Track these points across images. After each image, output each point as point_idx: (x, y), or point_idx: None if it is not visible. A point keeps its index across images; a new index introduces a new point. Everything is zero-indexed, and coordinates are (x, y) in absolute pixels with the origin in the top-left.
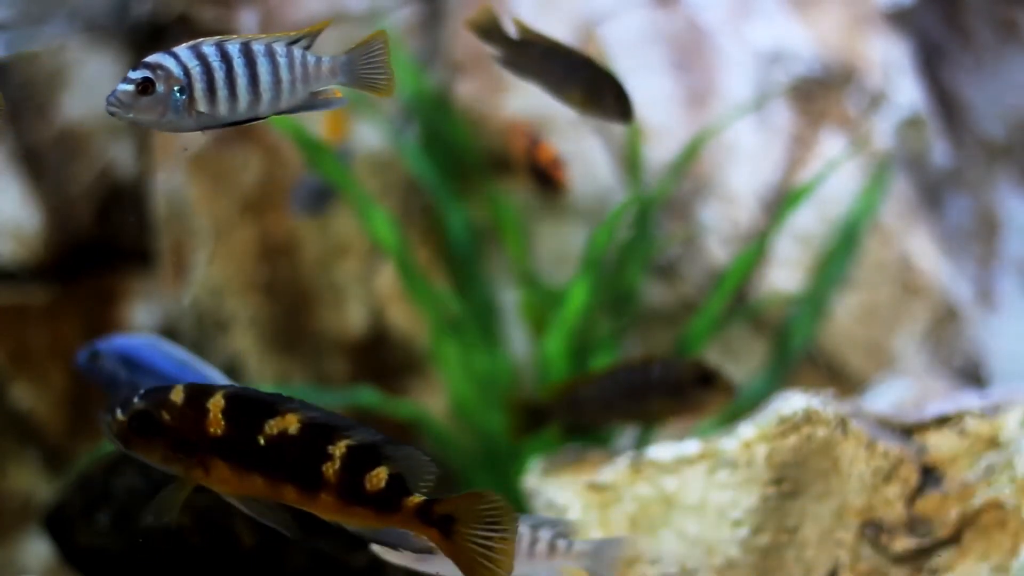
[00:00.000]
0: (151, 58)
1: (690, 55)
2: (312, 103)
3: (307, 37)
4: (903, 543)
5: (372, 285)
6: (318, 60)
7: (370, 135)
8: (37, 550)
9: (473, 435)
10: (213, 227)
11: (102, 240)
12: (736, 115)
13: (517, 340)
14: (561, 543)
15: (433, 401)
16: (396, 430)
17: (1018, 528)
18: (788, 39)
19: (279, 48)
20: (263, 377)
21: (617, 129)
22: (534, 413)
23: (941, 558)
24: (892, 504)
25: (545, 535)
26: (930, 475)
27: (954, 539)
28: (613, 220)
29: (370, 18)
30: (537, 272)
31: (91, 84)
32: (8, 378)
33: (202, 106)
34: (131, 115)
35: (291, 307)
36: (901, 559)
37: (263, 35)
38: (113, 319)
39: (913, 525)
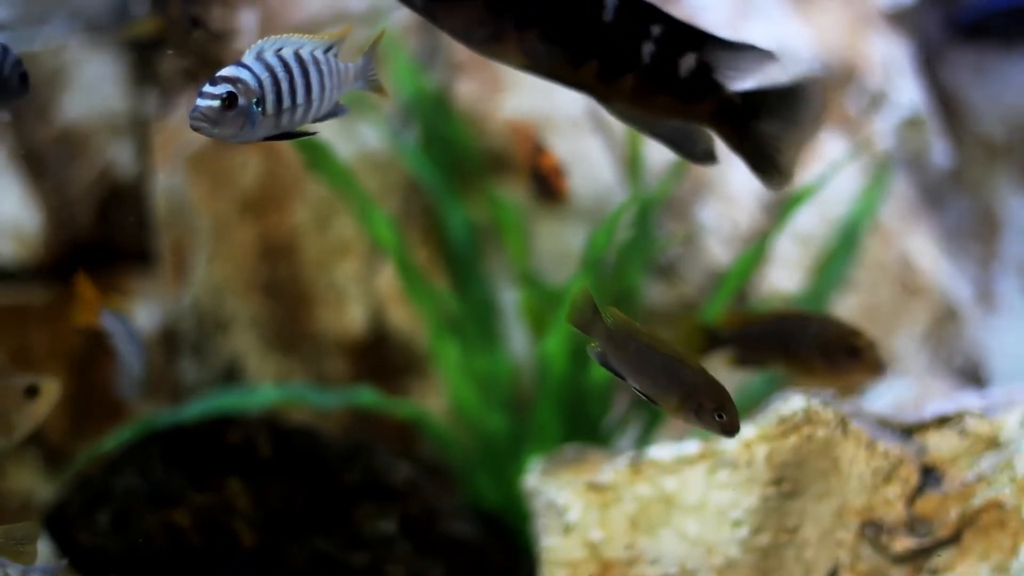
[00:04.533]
0: (227, 71)
1: None
2: (333, 111)
3: (338, 43)
4: (903, 543)
5: (372, 285)
6: (346, 67)
7: (370, 135)
8: (37, 550)
9: (473, 435)
10: (213, 227)
11: (102, 240)
12: None
13: (517, 340)
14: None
15: (433, 401)
16: (396, 430)
17: (1018, 528)
18: (788, 39)
19: (320, 55)
20: (263, 377)
21: (617, 129)
22: (710, 336)
23: (941, 558)
24: (892, 504)
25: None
26: (930, 475)
27: (954, 539)
28: (613, 220)
29: (370, 18)
30: (537, 272)
31: (91, 84)
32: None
33: (270, 116)
34: (216, 130)
35: (291, 307)
36: (901, 559)
37: (304, 37)
38: None
39: (913, 525)
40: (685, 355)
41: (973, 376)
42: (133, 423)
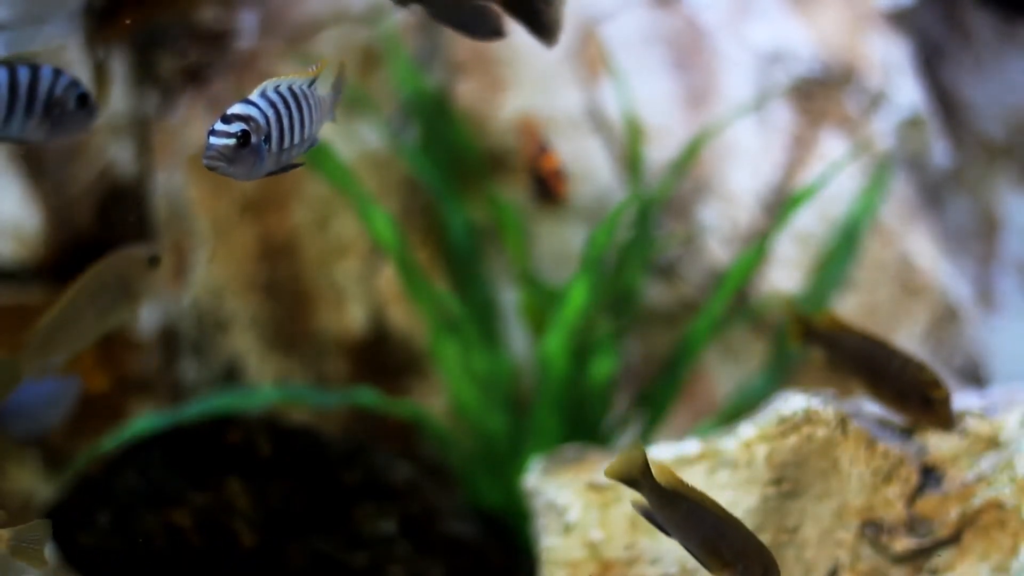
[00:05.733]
0: (238, 109)
1: (690, 55)
2: (311, 142)
3: (320, 75)
4: (903, 543)
5: (372, 285)
6: (323, 98)
7: (370, 135)
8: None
9: (473, 435)
10: (213, 227)
11: (102, 240)
12: (736, 115)
13: (517, 340)
14: None
15: (433, 401)
16: (396, 430)
17: (1018, 528)
18: (788, 39)
19: (306, 89)
20: (263, 377)
21: (617, 129)
22: (806, 329)
23: (941, 558)
24: (892, 504)
25: None
26: (930, 475)
27: (954, 539)
28: (613, 220)
29: (370, 18)
30: (537, 272)
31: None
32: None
33: (274, 153)
34: (231, 168)
35: (291, 307)
36: (901, 559)
37: (294, 75)
38: None
39: (913, 525)
40: (732, 517)
41: (973, 376)
42: (133, 423)
